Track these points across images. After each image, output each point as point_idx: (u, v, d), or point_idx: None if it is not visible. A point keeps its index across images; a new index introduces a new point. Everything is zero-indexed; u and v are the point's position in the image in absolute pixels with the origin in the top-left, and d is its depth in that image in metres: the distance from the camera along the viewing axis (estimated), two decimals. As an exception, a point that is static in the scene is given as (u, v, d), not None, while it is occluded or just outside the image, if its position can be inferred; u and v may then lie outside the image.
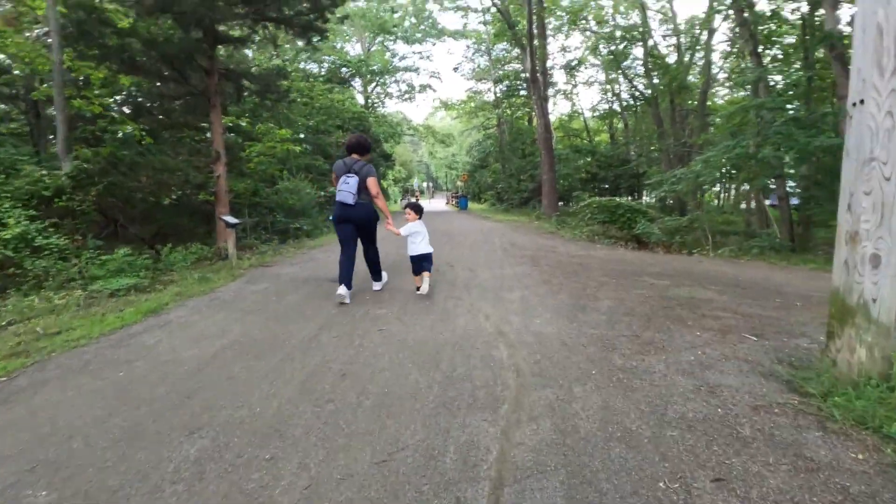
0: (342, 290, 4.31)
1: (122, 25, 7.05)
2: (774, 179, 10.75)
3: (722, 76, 22.82)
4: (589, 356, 2.87)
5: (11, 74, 10.70)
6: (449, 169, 51.46)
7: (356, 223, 4.45)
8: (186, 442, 2.01)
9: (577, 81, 27.23)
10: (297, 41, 19.52)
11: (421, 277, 4.62)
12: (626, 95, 26.20)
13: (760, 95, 10.34)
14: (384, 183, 29.62)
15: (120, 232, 8.53)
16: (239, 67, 9.75)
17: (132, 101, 9.37)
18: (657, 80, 20.54)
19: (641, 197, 22.72)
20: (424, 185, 61.82)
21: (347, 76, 25.39)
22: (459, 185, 39.78)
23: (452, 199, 35.49)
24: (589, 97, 54.19)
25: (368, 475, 1.73)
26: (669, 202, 20.17)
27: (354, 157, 4.50)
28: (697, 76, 21.25)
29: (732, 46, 17.95)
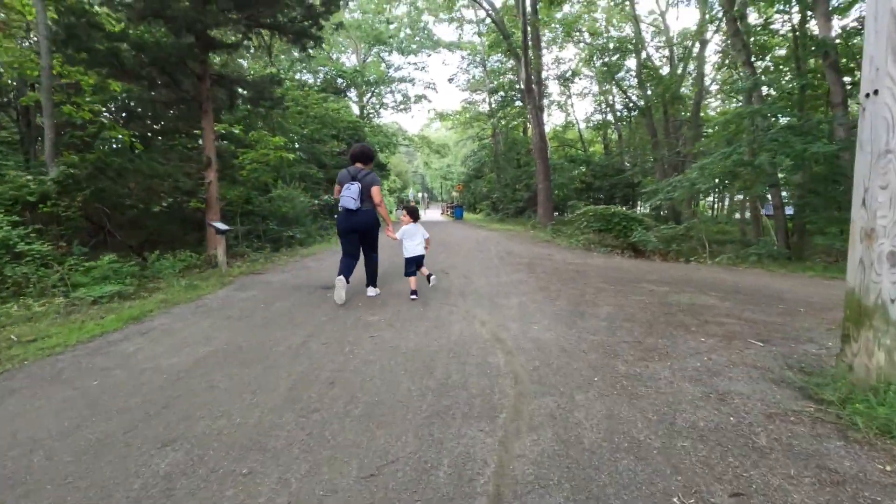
0: (340, 279, 4.43)
1: (112, 30, 6.96)
2: (769, 188, 10.76)
3: (714, 88, 23.13)
4: (590, 363, 2.73)
5: (1, 81, 10.55)
6: (444, 179, 51.52)
7: (360, 230, 4.54)
8: (157, 455, 1.85)
9: (571, 92, 27.46)
10: (292, 51, 19.59)
11: (415, 280, 4.73)
12: (619, 106, 26.45)
13: (754, 104, 10.38)
14: (379, 193, 29.44)
15: (109, 240, 8.35)
16: (232, 73, 9.65)
17: (123, 106, 9.23)
18: (651, 90, 20.69)
19: (636, 206, 22.75)
20: (420, 195, 61.86)
21: (343, 87, 25.42)
22: (455, 195, 39.75)
23: (448, 209, 35.41)
24: (583, 108, 54.65)
25: (354, 491, 1.58)
26: (663, 212, 20.20)
27: (358, 165, 4.60)
28: (690, 87, 21.46)
29: (724, 58, 18.14)
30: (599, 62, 22.83)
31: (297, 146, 15.84)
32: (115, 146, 9.17)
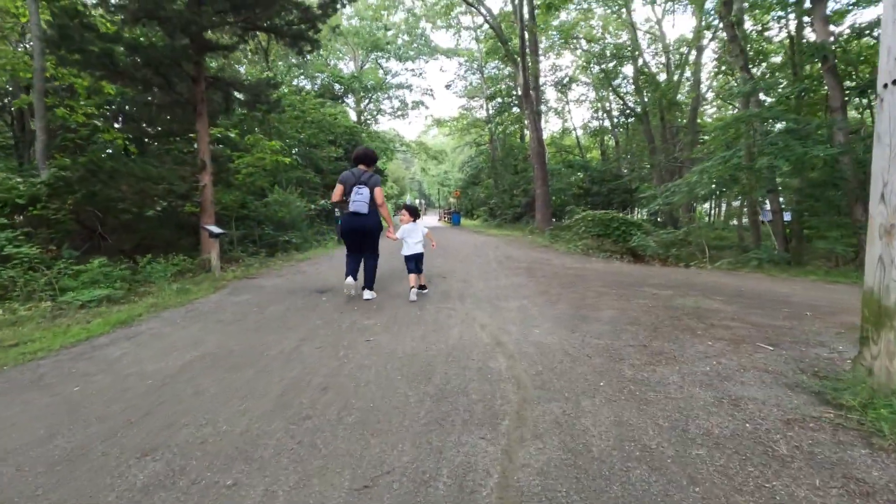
0: (349, 280, 4.54)
1: (106, 31, 6.86)
2: (768, 194, 10.72)
3: (710, 95, 23.24)
4: (595, 367, 2.62)
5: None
6: (441, 186, 51.41)
7: (363, 231, 4.60)
8: (136, 466, 1.72)
9: (568, 98, 27.55)
10: (289, 56, 19.59)
11: (414, 277, 4.76)
12: (616, 113, 26.54)
13: (752, 109, 10.36)
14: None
15: (102, 244, 8.20)
16: (228, 76, 9.57)
17: (117, 109, 9.12)
18: (648, 96, 20.75)
19: (633, 212, 22.73)
20: (417, 201, 61.78)
21: (340, 93, 25.41)
22: (452, 201, 39.68)
23: (445, 215, 35.34)
24: (580, 115, 54.71)
25: (347, 505, 1.46)
26: (660, 219, 20.16)
27: (361, 167, 4.65)
28: (686, 94, 21.54)
29: (720, 64, 18.21)
30: (597, 69, 22.92)
31: (294, 151, 15.76)
32: (109, 151, 9.06)
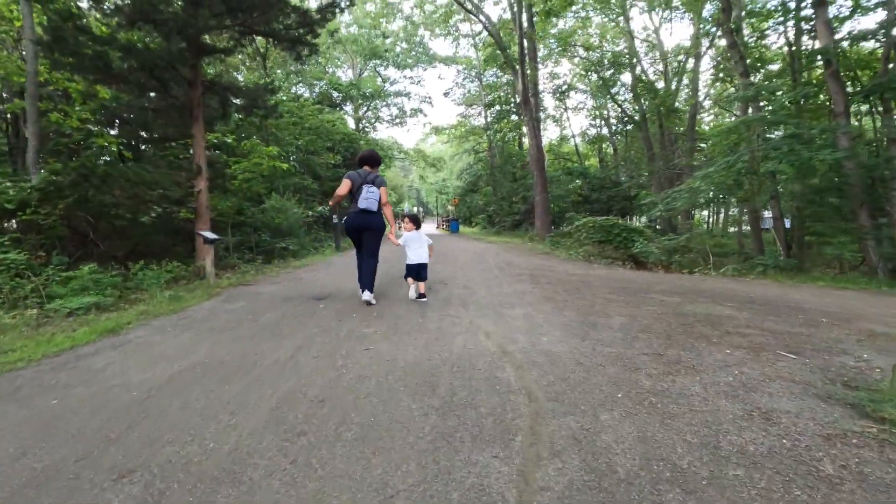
0: (366, 296, 4.59)
1: (101, 34, 6.74)
2: (770, 199, 10.64)
3: (708, 103, 23.30)
4: (611, 377, 2.46)
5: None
6: (440, 193, 51.38)
7: (371, 228, 4.64)
8: (110, 490, 1.55)
9: (566, 106, 27.60)
10: (288, 63, 19.55)
11: (416, 284, 4.84)
12: (614, 121, 26.58)
13: (751, 115, 10.31)
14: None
15: (95, 251, 8.02)
16: (223, 79, 9.46)
17: (112, 114, 8.96)
18: (646, 103, 20.77)
19: (632, 219, 22.65)
20: (415, 209, 61.69)
21: (338, 100, 25.38)
22: (450, 209, 39.59)
23: (444, 222, 35.23)
24: (578, 122, 55.03)
25: (345, 536, 1.29)
26: (658, 226, 20.07)
27: (367, 169, 4.72)
28: (683, 102, 21.58)
29: (718, 72, 18.25)
30: (595, 76, 22.97)
31: (293, 157, 15.62)
32: (107, 159, 8.90)
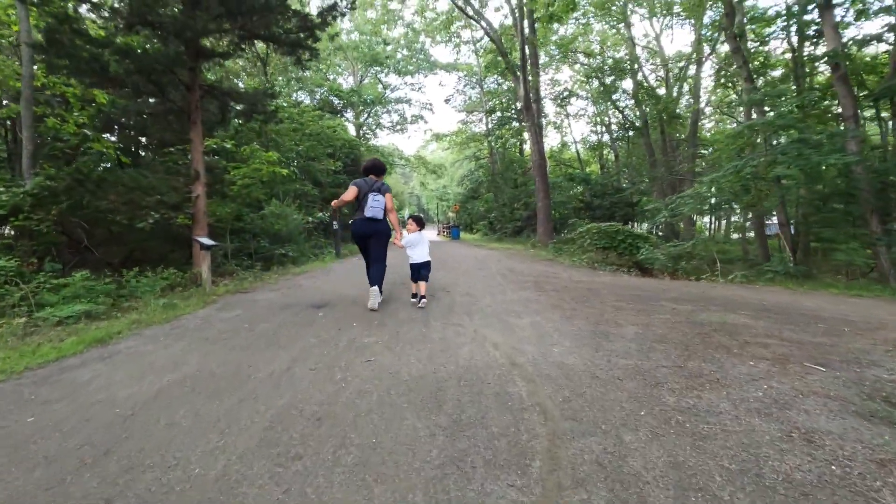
0: (370, 303, 4.60)
1: (98, 37, 6.62)
2: (776, 205, 10.49)
3: (709, 110, 23.25)
4: (630, 393, 2.28)
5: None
6: (440, 200, 51.26)
7: (377, 236, 4.71)
8: (79, 526, 1.38)
9: (567, 112, 27.57)
10: (288, 69, 19.50)
11: (419, 284, 4.90)
12: (615, 127, 26.53)
13: (755, 119, 10.19)
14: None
15: (91, 257, 7.87)
16: (223, 85, 9.35)
17: (108, 118, 8.83)
18: (648, 109, 20.70)
19: (634, 225, 22.50)
20: (414, 214, 61.50)
21: (339, 107, 25.35)
22: (451, 215, 39.46)
23: (444, 229, 35.10)
24: (579, 129, 55.08)
25: (344, 586, 1.11)
26: (660, 233, 19.91)
27: (372, 177, 4.79)
28: (684, 108, 21.52)
29: (719, 77, 18.19)
30: (596, 82, 22.94)
31: (294, 164, 15.51)
32: (107, 165, 8.77)
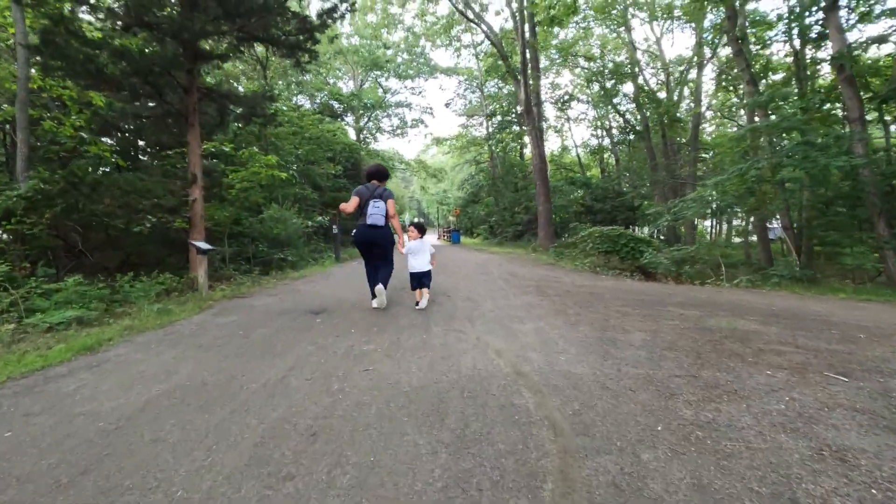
0: (379, 287, 4.67)
1: (93, 38, 6.53)
2: (780, 209, 10.38)
3: (709, 114, 23.21)
4: (644, 405, 2.15)
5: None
6: (440, 204, 51.19)
7: (378, 242, 4.72)
8: (45, 558, 1.25)
9: (568, 116, 27.53)
10: (288, 73, 19.46)
11: (420, 292, 4.90)
12: (616, 131, 26.48)
13: (758, 121, 10.11)
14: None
15: (87, 262, 7.75)
16: (222, 88, 9.26)
17: (105, 120, 8.72)
18: (649, 113, 20.65)
19: (636, 229, 22.39)
20: (416, 220, 61.51)
21: (339, 111, 25.31)
22: (451, 219, 39.36)
23: (444, 233, 35.00)
24: (579, 133, 55.11)
25: None
26: (662, 237, 19.79)
27: (375, 182, 4.80)
28: (684, 112, 21.46)
29: (720, 79, 18.14)
30: (597, 86, 22.90)
31: (294, 168, 15.40)
32: (106, 169, 8.65)
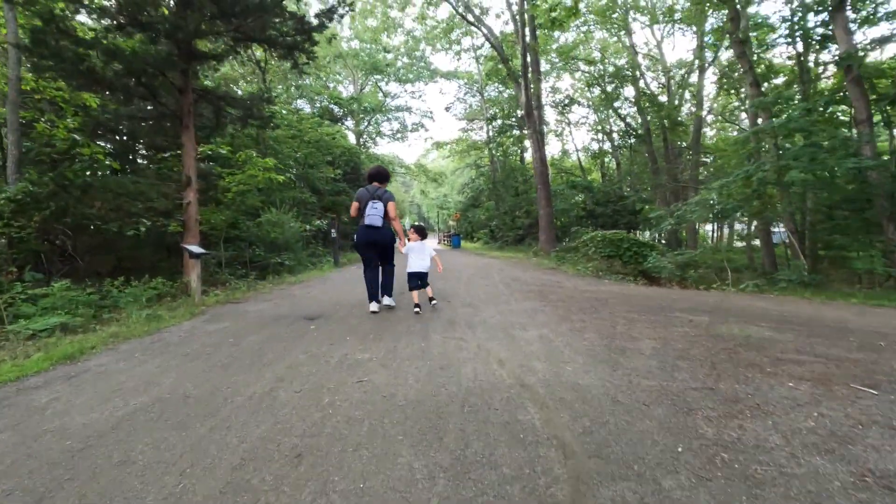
0: (374, 306, 4.72)
1: (84, 37, 6.40)
2: (787, 212, 10.22)
3: (710, 117, 23.10)
4: (660, 421, 1.98)
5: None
6: (440, 209, 51.07)
7: (379, 244, 4.77)
8: None
9: (569, 120, 27.44)
10: (287, 76, 19.37)
11: (416, 294, 4.83)
12: (617, 135, 26.38)
13: (762, 124, 9.97)
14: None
15: (79, 266, 7.58)
16: (218, 89, 9.12)
17: (97, 121, 8.57)
18: (650, 117, 20.54)
19: (637, 233, 22.22)
20: (416, 223, 61.43)
21: (339, 115, 25.22)
22: (451, 224, 39.22)
23: (445, 238, 34.87)
24: (580, 137, 55.04)
25: None
26: (663, 241, 19.61)
27: (376, 184, 4.83)
28: (686, 116, 21.36)
29: (721, 82, 18.04)
30: (597, 90, 22.82)
31: (293, 171, 15.25)
32: (106, 173, 8.50)
